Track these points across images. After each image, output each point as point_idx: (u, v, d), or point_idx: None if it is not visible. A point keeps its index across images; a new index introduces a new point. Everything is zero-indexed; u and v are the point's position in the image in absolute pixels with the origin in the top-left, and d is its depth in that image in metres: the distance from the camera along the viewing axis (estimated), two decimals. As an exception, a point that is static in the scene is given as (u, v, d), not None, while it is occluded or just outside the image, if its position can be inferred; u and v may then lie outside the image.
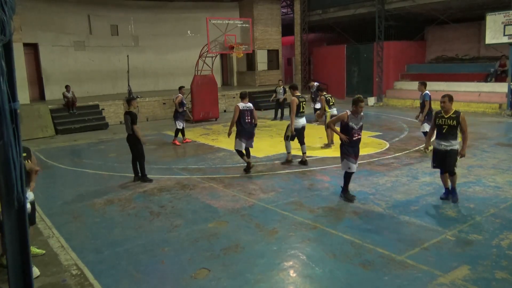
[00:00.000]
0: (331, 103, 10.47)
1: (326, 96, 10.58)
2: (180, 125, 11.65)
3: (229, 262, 4.63)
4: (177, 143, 11.58)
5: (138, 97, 16.13)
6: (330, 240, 5.09)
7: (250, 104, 8.07)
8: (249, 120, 8.00)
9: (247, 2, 21.86)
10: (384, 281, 4.11)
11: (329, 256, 4.68)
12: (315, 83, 14.98)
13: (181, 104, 11.66)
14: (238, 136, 8.05)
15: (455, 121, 5.95)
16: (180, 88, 12.16)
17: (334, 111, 10.42)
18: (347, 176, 6.46)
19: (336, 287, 4.11)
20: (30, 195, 4.57)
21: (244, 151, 8.17)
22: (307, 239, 5.15)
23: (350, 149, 6.27)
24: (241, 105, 8.00)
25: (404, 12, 18.60)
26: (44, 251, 5.04)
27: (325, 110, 10.50)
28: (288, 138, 8.73)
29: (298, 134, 8.66)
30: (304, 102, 8.69)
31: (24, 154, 4.39)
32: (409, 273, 4.23)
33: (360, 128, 6.36)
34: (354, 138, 6.25)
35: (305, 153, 8.77)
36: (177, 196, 7.03)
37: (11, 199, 1.69)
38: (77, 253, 4.97)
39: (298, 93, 8.79)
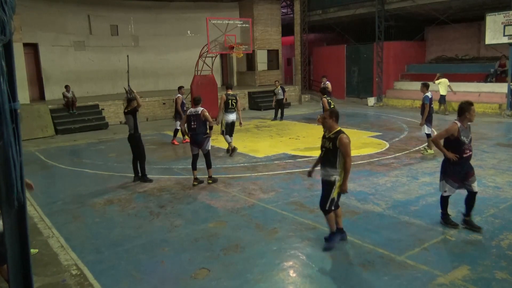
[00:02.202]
0: (332, 105, 10.45)
1: (327, 98, 10.54)
2: (179, 125, 11.65)
3: (229, 262, 4.63)
4: (176, 143, 11.59)
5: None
6: (330, 240, 5.08)
7: (198, 109, 7.62)
8: (194, 126, 7.58)
9: (247, 2, 21.84)
10: (384, 281, 4.11)
11: (329, 256, 4.68)
12: (328, 82, 14.91)
13: (182, 104, 11.67)
14: None
15: (331, 144, 4.72)
16: (180, 88, 12.01)
17: None
18: (444, 200, 5.34)
19: (336, 287, 4.11)
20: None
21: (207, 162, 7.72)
22: (307, 239, 5.15)
23: (457, 168, 5.10)
24: (190, 110, 7.82)
25: (404, 12, 18.60)
26: (37, 250, 5.04)
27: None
28: (223, 132, 10.00)
29: (229, 127, 9.93)
30: (233, 100, 9.92)
31: None
32: (409, 273, 4.23)
33: (470, 141, 5.20)
34: (465, 155, 5.11)
35: (231, 142, 10.01)
36: (177, 196, 7.03)
37: (11, 199, 1.69)
38: (77, 253, 4.98)
39: (230, 92, 10.09)
